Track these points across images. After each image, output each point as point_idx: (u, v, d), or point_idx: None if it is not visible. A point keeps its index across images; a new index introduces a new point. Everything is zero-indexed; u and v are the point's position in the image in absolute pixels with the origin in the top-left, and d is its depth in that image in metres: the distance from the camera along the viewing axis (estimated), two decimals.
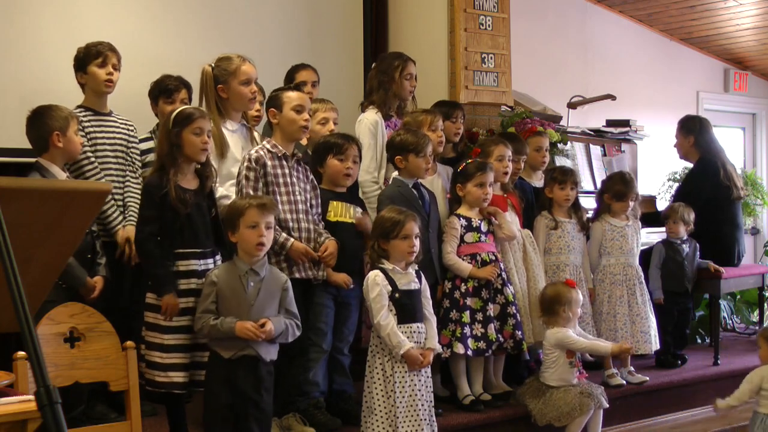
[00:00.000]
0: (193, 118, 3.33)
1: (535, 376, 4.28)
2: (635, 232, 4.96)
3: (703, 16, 7.58)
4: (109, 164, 3.96)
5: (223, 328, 3.14)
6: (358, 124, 4.46)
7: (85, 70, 3.96)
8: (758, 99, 8.83)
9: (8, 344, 2.35)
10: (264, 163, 3.59)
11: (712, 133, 5.94)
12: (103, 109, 4.03)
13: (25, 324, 1.33)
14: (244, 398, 3.19)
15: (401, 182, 4.09)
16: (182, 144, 3.31)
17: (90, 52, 3.95)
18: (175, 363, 3.25)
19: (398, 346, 3.47)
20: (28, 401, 1.86)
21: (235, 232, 3.24)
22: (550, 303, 4.23)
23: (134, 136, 4.10)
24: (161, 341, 3.26)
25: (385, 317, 3.48)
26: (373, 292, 3.51)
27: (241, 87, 3.81)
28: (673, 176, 7.11)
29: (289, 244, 3.55)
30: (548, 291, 4.30)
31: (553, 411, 4.08)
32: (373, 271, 3.57)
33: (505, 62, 5.47)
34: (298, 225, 3.64)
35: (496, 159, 4.44)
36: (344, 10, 5.62)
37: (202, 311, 3.19)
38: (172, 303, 3.25)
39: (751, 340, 6.19)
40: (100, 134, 3.94)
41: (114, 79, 3.98)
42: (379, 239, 3.60)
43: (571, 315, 4.21)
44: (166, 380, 3.25)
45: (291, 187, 3.64)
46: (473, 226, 4.21)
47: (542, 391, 4.15)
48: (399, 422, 3.45)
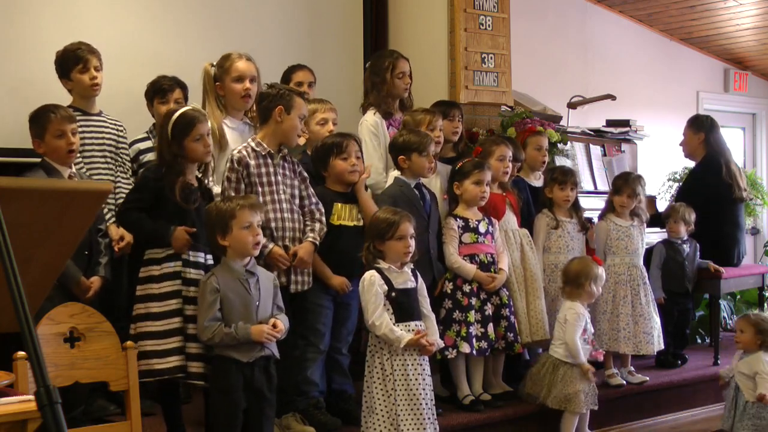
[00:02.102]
0: (192, 126, 3.33)
1: (547, 352, 4.27)
2: (640, 232, 4.94)
3: (703, 16, 7.57)
4: (98, 164, 3.94)
5: (240, 334, 3.14)
6: (360, 127, 4.46)
7: (68, 76, 3.96)
8: (758, 99, 8.83)
9: (8, 344, 2.35)
10: (247, 164, 3.55)
11: (720, 132, 6.00)
12: (92, 110, 4.03)
13: (25, 324, 1.33)
14: (259, 399, 3.21)
15: (403, 182, 4.08)
16: (185, 153, 3.33)
17: (68, 58, 3.94)
18: (172, 348, 3.23)
19: (398, 340, 3.47)
20: (28, 401, 1.86)
21: (226, 235, 3.22)
22: (576, 275, 4.24)
23: (123, 137, 4.10)
24: (156, 328, 3.25)
25: (378, 316, 3.47)
26: (369, 293, 3.50)
27: (233, 84, 3.82)
28: (673, 176, 7.11)
29: (267, 251, 3.50)
30: (575, 264, 4.32)
31: (560, 391, 4.10)
32: (369, 272, 3.55)
33: (505, 62, 5.47)
34: (282, 224, 3.60)
35: (497, 159, 4.44)
36: (344, 10, 5.62)
37: (209, 320, 3.15)
38: (181, 235, 3.26)
39: None
40: (88, 134, 3.93)
41: (99, 82, 3.98)
42: (375, 240, 3.59)
43: (594, 290, 4.23)
44: (166, 366, 3.22)
45: (275, 186, 3.60)
46: (471, 226, 4.21)
47: (556, 366, 4.16)
48: (401, 420, 3.45)
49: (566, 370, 4.14)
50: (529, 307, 4.43)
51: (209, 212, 3.31)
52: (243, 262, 3.24)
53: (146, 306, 3.29)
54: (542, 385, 4.18)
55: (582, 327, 4.18)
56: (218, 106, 3.84)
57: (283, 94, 3.64)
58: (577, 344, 4.15)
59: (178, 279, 3.30)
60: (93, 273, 3.63)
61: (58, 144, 3.58)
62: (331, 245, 3.75)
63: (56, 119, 3.58)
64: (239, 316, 3.18)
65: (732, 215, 5.81)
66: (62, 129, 3.58)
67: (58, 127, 3.58)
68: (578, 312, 4.19)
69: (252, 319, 3.19)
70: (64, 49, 3.98)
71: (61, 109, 3.65)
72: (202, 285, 3.21)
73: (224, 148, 3.75)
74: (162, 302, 3.28)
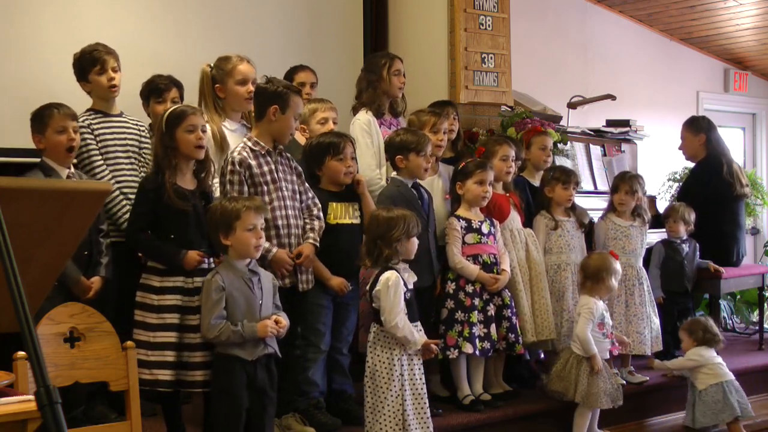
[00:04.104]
0: (184, 116, 3.32)
1: (567, 347, 4.31)
2: (640, 233, 4.93)
3: (703, 16, 7.57)
4: (122, 165, 3.92)
5: (246, 332, 3.14)
6: (352, 127, 4.44)
7: (86, 78, 3.94)
8: (758, 99, 8.83)
9: (8, 344, 2.35)
10: (248, 165, 3.51)
11: (718, 131, 6.00)
12: (113, 111, 4.01)
13: (25, 324, 1.33)
14: (262, 396, 3.21)
15: (400, 182, 4.08)
16: (177, 144, 3.31)
17: (85, 59, 3.92)
18: (160, 361, 3.23)
19: (415, 343, 3.47)
20: (28, 401, 1.86)
21: (229, 235, 3.21)
22: (596, 270, 4.28)
23: (145, 136, 4.07)
24: (147, 338, 3.24)
25: (402, 319, 3.45)
26: (395, 294, 3.43)
27: (237, 87, 3.81)
28: (673, 176, 7.11)
29: (270, 256, 3.47)
30: (595, 259, 4.38)
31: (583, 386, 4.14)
32: (389, 272, 3.47)
33: (505, 62, 5.47)
34: (287, 222, 3.57)
35: (500, 159, 4.44)
36: (344, 10, 5.62)
37: (215, 318, 3.14)
38: (193, 259, 3.26)
39: (751, 340, 6.20)
40: (109, 136, 3.92)
41: (117, 83, 3.96)
42: (392, 240, 3.49)
43: (613, 284, 4.30)
44: (150, 378, 3.21)
45: (279, 183, 3.57)
46: (473, 227, 4.20)
47: (579, 362, 4.19)
48: (408, 420, 3.45)
49: (587, 365, 4.19)
50: (534, 306, 4.43)
51: (213, 210, 3.29)
52: (245, 261, 3.24)
53: (143, 315, 3.29)
54: (570, 381, 4.20)
55: (596, 321, 4.23)
56: (216, 109, 3.81)
57: (280, 93, 3.56)
58: (588, 337, 4.17)
59: (178, 294, 3.29)
60: (93, 273, 3.63)
61: (59, 139, 3.58)
62: (329, 245, 3.73)
63: (59, 115, 3.59)
64: (243, 315, 3.18)
65: (732, 214, 5.81)
66: (64, 125, 3.58)
67: (60, 123, 3.58)
68: (593, 306, 4.23)
69: (256, 317, 3.20)
70: (81, 51, 3.95)
71: (64, 107, 3.65)
72: (207, 283, 3.20)
73: (226, 151, 3.72)
74: (158, 314, 3.27)
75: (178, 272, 3.29)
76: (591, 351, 4.16)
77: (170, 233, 3.31)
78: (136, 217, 3.38)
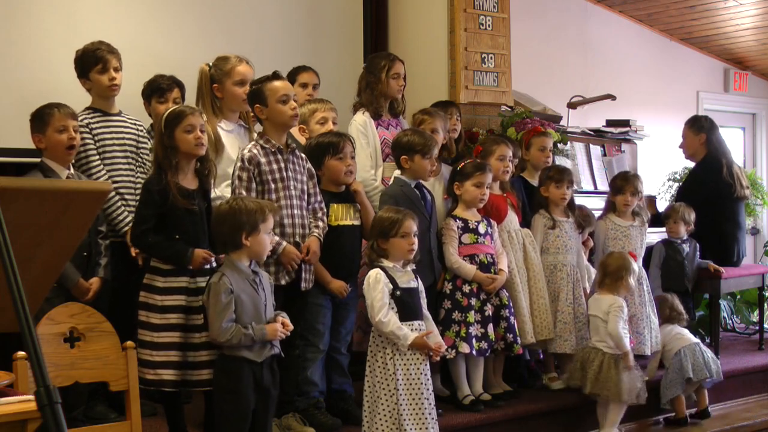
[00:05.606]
0: (182, 116, 3.33)
1: (586, 348, 4.36)
2: (640, 233, 4.93)
3: (703, 16, 7.57)
4: (119, 165, 3.92)
5: (257, 334, 3.14)
6: (350, 128, 4.45)
7: (87, 76, 3.93)
8: (758, 99, 8.82)
9: (8, 344, 2.35)
10: (258, 162, 3.54)
11: (720, 132, 6.01)
12: (111, 110, 4.00)
13: (25, 324, 1.33)
14: (266, 396, 3.22)
15: (404, 182, 4.08)
16: (176, 144, 3.31)
17: (88, 58, 3.91)
18: (165, 361, 3.24)
19: (404, 338, 3.48)
20: (28, 401, 1.86)
21: (251, 235, 3.18)
22: (617, 269, 4.37)
23: (144, 136, 4.06)
24: (151, 339, 3.25)
25: (385, 314, 3.48)
26: (375, 291, 3.50)
27: (235, 87, 3.80)
28: (673, 176, 7.10)
29: (281, 249, 3.49)
30: (615, 258, 4.46)
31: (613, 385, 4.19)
32: (374, 270, 3.56)
33: (505, 62, 5.47)
34: (293, 221, 3.59)
35: (498, 158, 4.44)
36: (344, 11, 5.62)
37: (226, 321, 3.11)
38: (200, 257, 3.27)
39: (751, 340, 6.20)
40: (108, 135, 3.92)
41: (118, 82, 3.95)
42: (378, 239, 3.59)
43: (632, 283, 4.39)
44: (155, 378, 3.23)
45: (287, 182, 3.59)
46: (470, 227, 4.20)
47: (616, 360, 4.23)
48: (404, 420, 3.45)
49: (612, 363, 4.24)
50: (533, 306, 4.43)
51: (235, 209, 3.20)
52: (247, 261, 3.24)
53: (147, 315, 3.29)
54: (612, 382, 4.22)
55: (625, 318, 4.33)
56: (213, 110, 3.80)
57: (254, 91, 3.62)
58: (621, 334, 4.25)
59: (182, 294, 3.29)
60: (92, 274, 3.63)
61: (59, 138, 3.58)
62: (330, 246, 3.73)
63: (59, 114, 3.59)
64: (251, 317, 3.17)
65: (732, 214, 5.81)
66: (64, 124, 3.58)
67: (61, 122, 3.58)
68: (622, 304, 4.33)
69: (261, 318, 3.20)
70: (83, 49, 3.94)
71: (64, 106, 3.65)
72: (214, 287, 3.15)
73: (220, 152, 3.71)
74: (162, 315, 3.27)
75: (183, 273, 3.29)
76: (625, 348, 4.24)
77: (175, 233, 3.31)
78: (142, 218, 3.36)
